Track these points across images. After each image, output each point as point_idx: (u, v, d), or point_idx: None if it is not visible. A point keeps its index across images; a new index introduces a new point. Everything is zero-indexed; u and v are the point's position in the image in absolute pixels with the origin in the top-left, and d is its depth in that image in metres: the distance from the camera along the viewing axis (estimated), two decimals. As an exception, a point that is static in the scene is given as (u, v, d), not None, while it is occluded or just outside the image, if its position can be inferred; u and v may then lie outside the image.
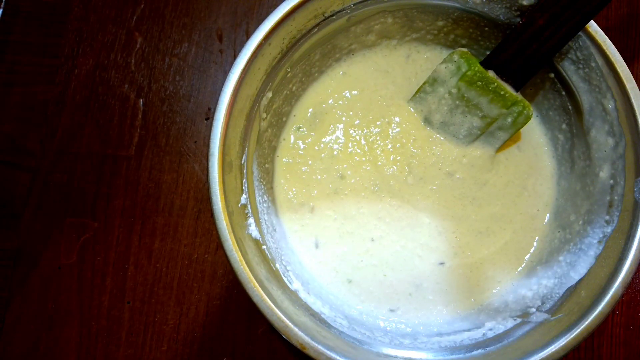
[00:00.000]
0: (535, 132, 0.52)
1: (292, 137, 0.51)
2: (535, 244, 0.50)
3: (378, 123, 0.51)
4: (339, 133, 0.51)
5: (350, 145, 0.51)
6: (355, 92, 0.52)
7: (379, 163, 0.50)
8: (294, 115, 0.51)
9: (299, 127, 0.51)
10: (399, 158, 0.50)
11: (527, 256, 0.49)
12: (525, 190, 0.50)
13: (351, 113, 0.51)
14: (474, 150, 0.51)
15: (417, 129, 0.51)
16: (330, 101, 0.52)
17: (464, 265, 0.49)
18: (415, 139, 0.51)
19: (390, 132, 0.51)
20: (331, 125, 0.51)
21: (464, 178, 0.50)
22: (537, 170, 0.51)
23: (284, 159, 0.50)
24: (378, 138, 0.51)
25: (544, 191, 0.51)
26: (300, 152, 0.50)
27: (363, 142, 0.51)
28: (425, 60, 0.53)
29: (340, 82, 0.52)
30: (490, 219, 0.50)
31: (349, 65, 0.52)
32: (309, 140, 0.51)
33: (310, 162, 0.50)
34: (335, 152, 0.50)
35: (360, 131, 0.51)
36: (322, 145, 0.51)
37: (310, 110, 0.51)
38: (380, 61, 0.52)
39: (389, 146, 0.51)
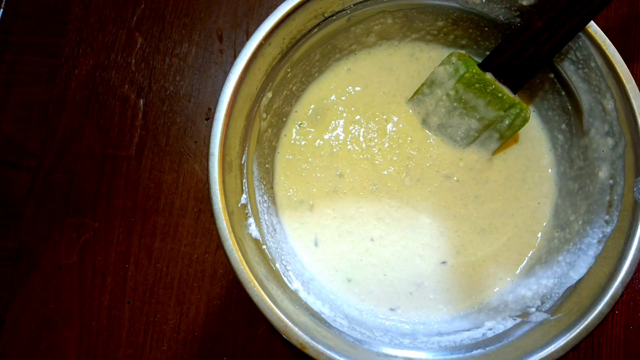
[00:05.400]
0: (534, 132, 0.52)
1: (293, 133, 0.51)
2: (537, 239, 0.50)
3: (377, 120, 0.51)
4: (339, 130, 0.51)
5: (349, 142, 0.51)
6: (359, 88, 0.52)
7: (376, 162, 0.50)
8: (296, 112, 0.51)
9: (301, 124, 0.51)
10: (395, 159, 0.50)
11: (530, 253, 0.49)
12: (525, 184, 0.51)
13: (353, 109, 0.52)
14: (470, 153, 0.51)
15: (415, 130, 0.51)
16: (332, 97, 0.52)
17: (466, 263, 0.49)
18: (412, 140, 0.51)
19: (387, 130, 0.51)
20: (332, 122, 0.51)
21: (462, 181, 0.50)
22: (536, 163, 0.51)
23: (285, 156, 0.50)
24: (375, 136, 0.51)
25: (544, 183, 0.51)
26: (301, 148, 0.51)
27: (361, 139, 0.51)
28: (428, 59, 0.53)
29: (344, 78, 0.52)
30: (493, 215, 0.50)
31: (354, 62, 0.52)
32: (310, 136, 0.51)
33: (310, 159, 0.50)
34: (334, 150, 0.51)
35: (359, 127, 0.51)
36: (322, 142, 0.51)
37: (312, 106, 0.51)
38: (385, 59, 0.53)
39: (386, 145, 0.51)
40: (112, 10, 0.59)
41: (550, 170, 0.51)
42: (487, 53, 0.49)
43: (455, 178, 0.50)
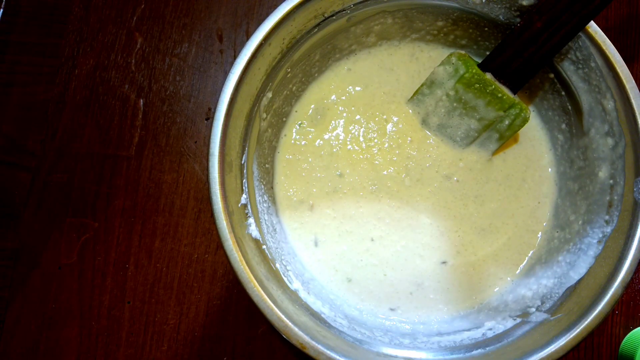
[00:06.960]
0: (534, 132, 0.52)
1: (293, 133, 0.51)
2: (537, 239, 0.50)
3: (377, 120, 0.51)
4: (339, 129, 0.51)
5: (349, 142, 0.51)
6: (359, 88, 0.52)
7: (376, 162, 0.50)
8: (296, 112, 0.51)
9: (301, 123, 0.51)
10: (395, 159, 0.51)
11: (530, 253, 0.49)
12: (525, 184, 0.51)
13: (353, 108, 0.52)
14: (470, 154, 0.51)
15: (414, 130, 0.51)
16: (333, 97, 0.52)
17: (466, 263, 0.49)
18: (412, 140, 0.51)
19: (387, 130, 0.51)
20: (332, 122, 0.51)
21: (462, 181, 0.50)
22: (536, 163, 0.51)
23: (285, 156, 0.50)
24: (375, 136, 0.51)
25: (543, 182, 0.51)
26: (301, 148, 0.51)
27: (361, 139, 0.51)
28: (428, 59, 0.53)
29: (344, 78, 0.52)
30: (493, 215, 0.50)
31: (354, 62, 0.52)
32: (310, 136, 0.51)
33: (310, 159, 0.50)
34: (334, 149, 0.51)
35: (359, 127, 0.51)
36: (322, 142, 0.51)
37: (312, 106, 0.52)
38: (385, 59, 0.53)
39: (386, 145, 0.51)
40: (112, 10, 0.59)
41: (550, 170, 0.51)
42: (487, 53, 0.49)
43: (455, 178, 0.50)
